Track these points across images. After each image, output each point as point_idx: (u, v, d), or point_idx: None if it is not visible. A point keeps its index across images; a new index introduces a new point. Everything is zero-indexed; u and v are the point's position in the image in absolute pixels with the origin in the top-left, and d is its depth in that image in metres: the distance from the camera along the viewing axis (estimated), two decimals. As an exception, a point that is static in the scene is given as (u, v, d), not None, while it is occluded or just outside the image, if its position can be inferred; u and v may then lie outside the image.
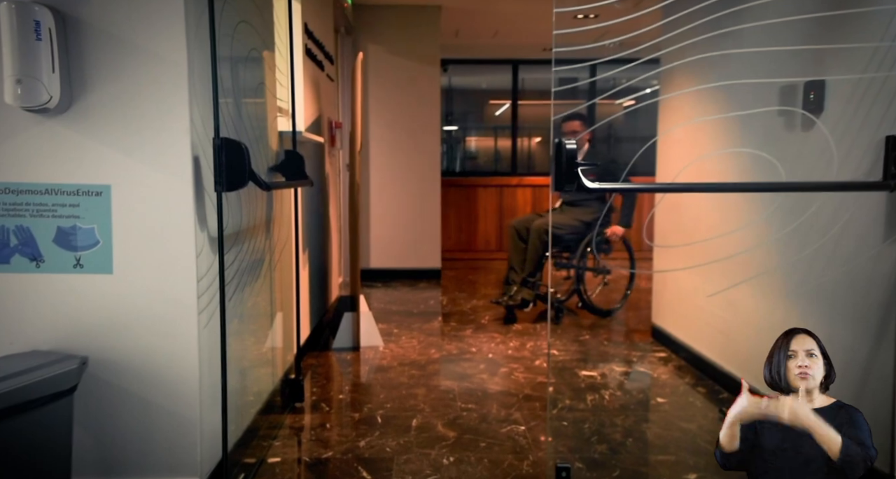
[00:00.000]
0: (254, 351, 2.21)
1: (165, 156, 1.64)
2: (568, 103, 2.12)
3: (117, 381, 1.68)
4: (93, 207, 1.64)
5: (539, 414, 2.48)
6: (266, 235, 2.30)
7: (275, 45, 2.46)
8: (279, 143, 2.51)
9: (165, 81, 1.62)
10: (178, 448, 1.71)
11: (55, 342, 1.65)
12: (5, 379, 1.42)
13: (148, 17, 1.60)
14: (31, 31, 1.51)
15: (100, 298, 1.66)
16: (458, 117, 7.51)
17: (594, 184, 1.69)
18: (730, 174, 2.71)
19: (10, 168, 1.61)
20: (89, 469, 1.69)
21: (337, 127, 4.20)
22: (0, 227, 1.62)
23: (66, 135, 1.61)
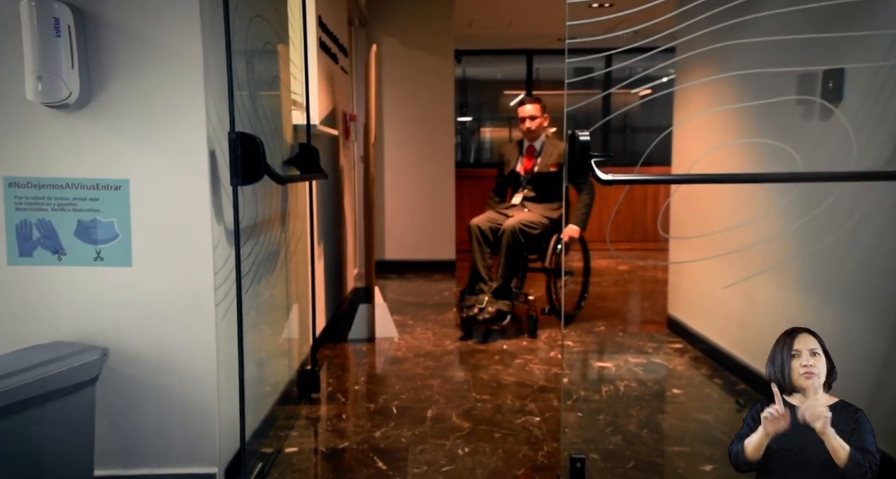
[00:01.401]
0: (270, 342, 2.23)
1: (182, 150, 1.66)
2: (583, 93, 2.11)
3: (137, 371, 1.71)
4: (112, 201, 1.66)
5: (554, 405, 2.49)
6: (281, 227, 2.32)
7: (289, 39, 2.47)
8: (294, 136, 2.53)
9: (181, 76, 1.64)
10: (196, 438, 1.74)
11: (77, 333, 1.69)
12: (30, 369, 1.45)
13: (164, 12, 1.62)
14: (51, 27, 1.54)
15: (120, 290, 1.69)
16: (472, 108, 7.49)
17: (608, 175, 1.68)
18: (746, 164, 2.68)
19: (32, 163, 1.64)
20: (111, 458, 1.72)
21: (351, 119, 4.22)
22: (23, 221, 1.65)
23: (86, 130, 1.64)
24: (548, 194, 3.64)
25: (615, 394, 2.61)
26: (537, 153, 3.66)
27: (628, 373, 2.86)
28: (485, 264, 3.52)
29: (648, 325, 3.77)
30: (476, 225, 3.54)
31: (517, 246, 3.41)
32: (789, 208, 2.32)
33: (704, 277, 3.10)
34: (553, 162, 3.61)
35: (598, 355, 3.19)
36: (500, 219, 3.54)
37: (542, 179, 3.62)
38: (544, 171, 3.61)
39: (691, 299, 3.31)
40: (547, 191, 3.63)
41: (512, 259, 3.42)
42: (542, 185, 3.62)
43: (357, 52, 4.80)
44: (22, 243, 1.66)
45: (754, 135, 2.60)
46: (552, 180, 3.60)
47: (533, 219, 3.46)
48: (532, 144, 3.69)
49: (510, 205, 3.69)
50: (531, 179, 3.64)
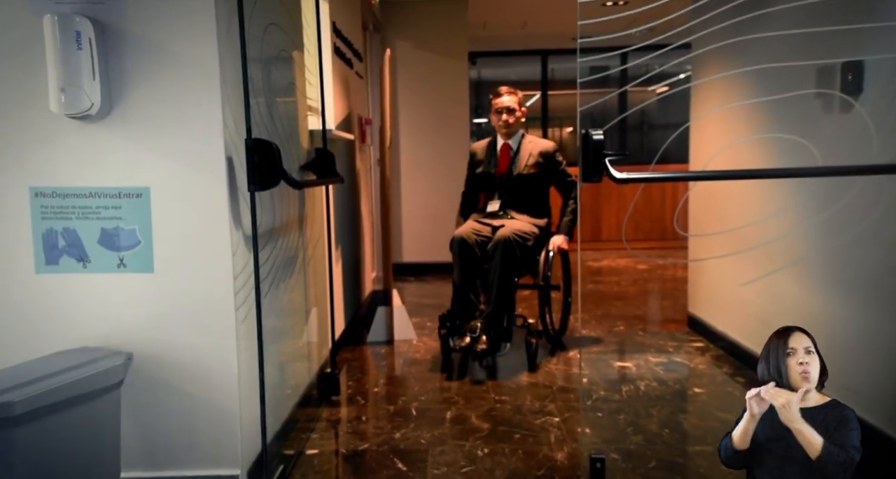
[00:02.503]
0: (290, 346, 2.26)
1: (200, 157, 1.69)
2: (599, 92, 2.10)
3: (161, 375, 1.74)
4: (134, 209, 1.70)
5: (573, 405, 2.48)
6: (299, 232, 2.35)
7: (303, 45, 2.50)
8: (310, 141, 2.55)
9: (199, 84, 1.67)
10: (219, 440, 1.77)
11: (102, 339, 1.73)
12: (58, 374, 1.49)
13: (181, 23, 1.65)
14: (73, 41, 1.58)
15: (142, 296, 1.72)
16: (487, 110, 7.49)
17: (623, 174, 1.67)
18: (764, 160, 2.65)
19: (57, 173, 1.68)
20: (137, 460, 1.76)
21: (367, 124, 4.25)
22: (49, 229, 1.70)
23: (107, 139, 1.68)
24: (526, 199, 3.16)
25: (635, 394, 2.60)
26: (514, 152, 3.17)
27: (649, 372, 2.84)
28: (473, 283, 2.99)
29: (669, 324, 3.73)
30: (461, 237, 2.96)
31: (513, 260, 2.89)
32: (809, 203, 2.29)
33: (725, 274, 3.06)
34: (533, 162, 3.14)
35: (617, 354, 3.17)
36: (486, 230, 3.03)
37: (520, 182, 3.14)
38: (523, 172, 3.13)
39: (712, 296, 3.27)
40: (526, 196, 3.16)
41: (508, 276, 2.89)
42: (520, 189, 3.15)
43: (372, 57, 4.83)
44: (48, 252, 1.70)
45: (772, 130, 2.57)
46: (532, 184, 3.15)
47: (524, 228, 2.98)
48: (507, 142, 3.20)
49: (489, 213, 3.15)
50: (507, 182, 3.16)
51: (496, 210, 3.15)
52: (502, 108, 3.16)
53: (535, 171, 3.13)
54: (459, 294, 2.99)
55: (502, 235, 2.89)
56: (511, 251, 2.87)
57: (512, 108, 3.15)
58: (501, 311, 2.90)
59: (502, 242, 2.88)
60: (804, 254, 2.32)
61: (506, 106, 3.15)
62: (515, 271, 2.95)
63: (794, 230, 2.36)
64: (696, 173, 3.20)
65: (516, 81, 7.51)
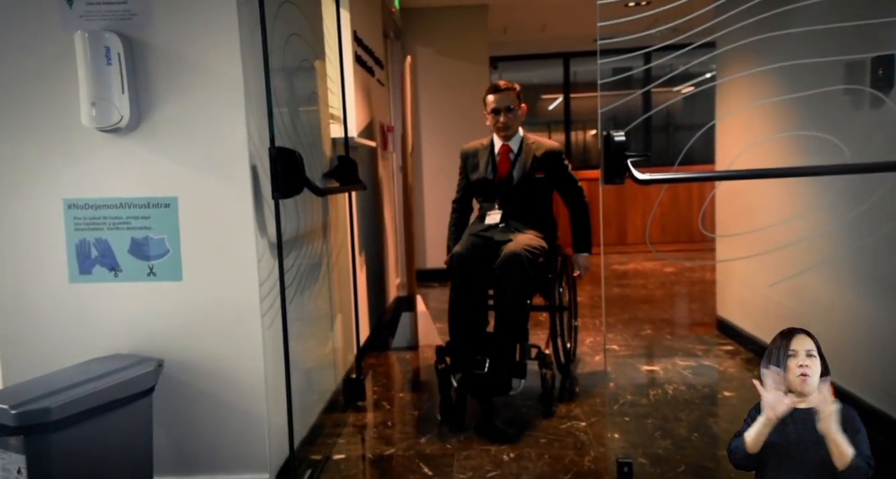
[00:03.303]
0: (316, 352, 2.28)
1: (225, 167, 1.72)
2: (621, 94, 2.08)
3: (190, 382, 1.78)
4: (162, 219, 1.74)
5: (599, 410, 2.46)
6: (323, 239, 2.37)
7: (325, 55, 2.54)
8: (332, 149, 2.58)
9: (223, 95, 1.70)
10: (248, 445, 1.80)
11: (133, 346, 1.77)
12: (92, 381, 1.53)
13: (205, 36, 1.69)
14: (103, 56, 1.63)
15: (172, 303, 1.76)
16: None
17: (645, 175, 1.66)
18: (792, 158, 2.60)
19: (89, 185, 1.73)
20: (168, 465, 1.79)
21: (388, 131, 4.28)
22: (82, 240, 1.75)
23: (136, 151, 1.72)
24: (531, 209, 2.73)
25: (663, 398, 2.56)
26: (515, 155, 2.76)
27: (677, 376, 2.80)
28: (478, 309, 2.54)
29: (697, 327, 3.68)
30: (463, 254, 2.52)
31: (526, 280, 2.44)
32: (839, 202, 2.24)
33: (754, 276, 3.01)
34: (538, 166, 2.72)
35: (644, 358, 3.13)
36: (486, 245, 2.60)
37: (524, 189, 2.72)
38: (527, 178, 2.71)
39: (741, 299, 3.22)
40: (530, 205, 2.73)
41: (521, 299, 2.45)
42: (524, 197, 2.72)
43: (392, 64, 4.88)
44: (81, 262, 1.75)
45: (799, 128, 2.52)
46: (537, 191, 2.74)
47: (533, 242, 2.54)
48: (507, 144, 2.77)
49: (488, 225, 2.71)
50: (509, 189, 2.73)
51: (497, 222, 2.70)
52: (498, 106, 2.72)
53: (541, 176, 2.73)
54: (461, 322, 2.49)
55: (513, 251, 2.45)
56: (524, 269, 2.43)
57: (510, 106, 2.72)
58: (514, 341, 2.42)
59: (514, 258, 2.42)
60: (833, 253, 2.27)
61: (502, 104, 2.72)
62: (529, 292, 2.51)
63: (824, 229, 2.31)
64: (718, 173, 3.15)
65: (539, 85, 7.50)
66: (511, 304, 2.44)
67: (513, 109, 2.74)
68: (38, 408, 1.37)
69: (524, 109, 2.79)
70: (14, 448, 1.39)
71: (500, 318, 2.48)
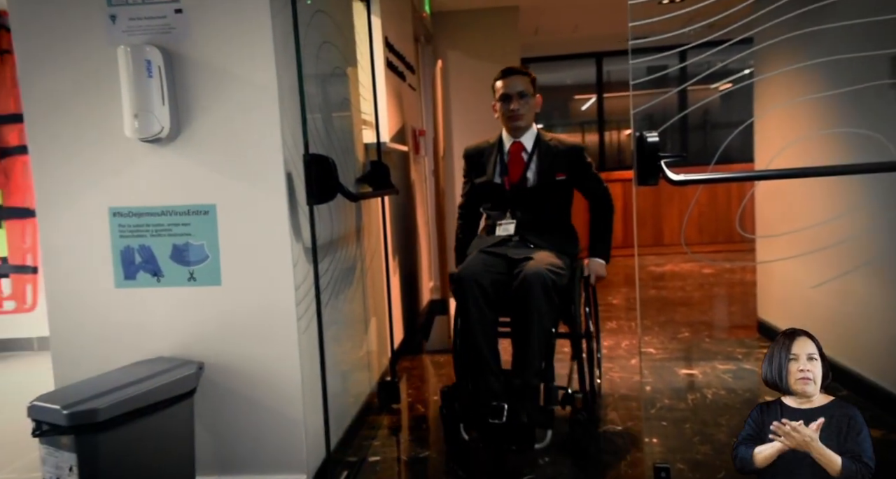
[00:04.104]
0: (351, 355, 2.31)
1: (261, 174, 1.76)
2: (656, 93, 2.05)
3: (230, 384, 1.82)
4: (201, 225, 1.79)
5: (636, 414, 2.42)
6: (357, 243, 2.40)
7: (357, 61, 2.57)
8: (365, 154, 2.62)
9: (258, 104, 1.75)
10: (286, 446, 1.83)
11: (175, 349, 1.82)
12: (137, 383, 1.58)
13: (241, 47, 1.73)
14: (144, 69, 1.69)
15: (211, 308, 1.81)
16: (542, 115, 7.45)
17: (679, 176, 1.64)
18: (835, 156, 2.52)
19: (133, 194, 1.79)
20: (210, 465, 1.84)
21: (420, 135, 4.31)
22: (126, 247, 1.81)
23: (176, 160, 1.78)
24: (549, 219, 2.35)
25: (702, 402, 2.51)
26: (529, 154, 2.36)
27: (716, 380, 2.74)
28: (491, 341, 2.12)
29: (737, 329, 3.59)
30: (470, 276, 2.12)
31: (551, 307, 2.06)
32: (884, 200, 2.17)
33: (796, 277, 2.93)
34: (559, 168, 2.33)
35: (682, 362, 3.07)
36: (499, 264, 2.21)
37: (541, 194, 2.33)
38: (545, 182, 2.33)
39: (783, 300, 3.13)
40: (548, 214, 2.35)
41: (547, 330, 2.06)
42: (541, 204, 2.34)
43: (424, 68, 4.91)
44: (126, 268, 1.81)
45: (841, 125, 2.44)
46: (557, 197, 2.37)
47: (554, 260, 2.16)
48: (519, 141, 2.37)
49: (500, 238, 2.31)
50: (523, 195, 2.34)
51: (510, 235, 2.31)
52: (510, 92, 2.31)
53: (562, 177, 2.34)
54: (471, 359, 2.09)
55: (535, 270, 2.05)
56: (548, 294, 2.04)
57: (523, 91, 2.31)
58: (538, 381, 2.02)
59: (537, 280, 2.03)
60: (880, 254, 2.19)
61: (515, 90, 2.30)
62: (554, 321, 2.11)
63: (868, 229, 2.23)
64: (754, 173, 3.08)
65: (571, 85, 7.44)
66: (534, 336, 2.03)
67: (526, 95, 2.33)
68: (87, 409, 1.43)
69: (539, 100, 2.40)
70: (66, 447, 1.45)
71: (521, 353, 2.06)
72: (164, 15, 1.73)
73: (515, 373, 2.06)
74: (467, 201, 2.61)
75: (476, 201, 2.54)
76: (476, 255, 2.28)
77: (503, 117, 2.38)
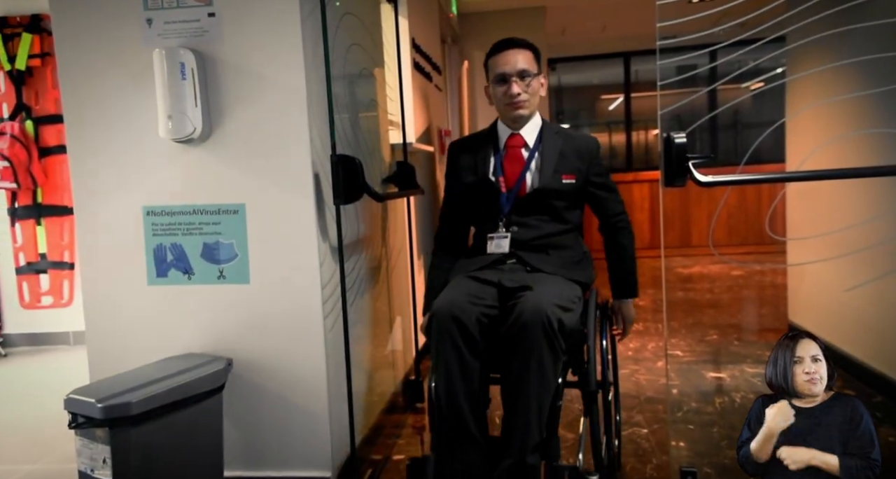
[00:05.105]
0: (376, 353, 2.33)
1: (289, 174, 1.79)
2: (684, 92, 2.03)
3: (257, 381, 1.85)
4: (231, 224, 1.83)
5: (662, 417, 2.40)
6: (382, 243, 2.42)
7: (384, 62, 2.59)
8: (391, 154, 2.64)
9: (287, 105, 1.77)
10: (311, 443, 1.86)
11: (205, 345, 1.86)
12: (168, 378, 1.62)
13: (271, 50, 1.77)
14: (178, 72, 1.73)
15: (240, 305, 1.84)
16: (569, 115, 7.40)
17: (707, 177, 1.62)
18: (871, 158, 2.46)
19: (166, 193, 1.84)
20: (237, 460, 1.87)
21: (446, 135, 4.32)
22: (159, 245, 1.86)
23: (208, 161, 1.82)
24: (553, 233, 1.80)
25: (730, 406, 2.47)
26: (531, 150, 1.84)
27: (745, 384, 2.69)
28: (474, 400, 1.59)
29: (767, 333, 3.53)
30: (446, 310, 1.58)
31: (555, 357, 1.53)
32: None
33: (829, 279, 2.86)
34: (568, 168, 1.81)
35: (710, 365, 3.03)
36: (489, 294, 1.65)
37: (546, 201, 1.79)
38: (552, 186, 1.78)
39: (815, 304, 3.06)
40: (553, 226, 1.80)
41: (549, 387, 1.53)
42: (545, 213, 1.80)
43: (450, 69, 4.91)
44: (158, 265, 1.86)
45: (876, 125, 2.38)
46: (566, 205, 1.82)
47: (562, 291, 1.64)
48: (518, 134, 1.86)
49: (492, 259, 1.77)
50: (521, 201, 1.80)
51: (504, 253, 1.78)
52: (509, 70, 1.79)
53: (572, 181, 1.81)
54: (448, 421, 1.58)
55: (534, 306, 1.52)
56: (552, 339, 1.51)
57: (526, 70, 1.79)
58: (537, 460, 1.51)
59: (537, 319, 1.50)
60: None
61: (516, 68, 1.78)
62: (560, 375, 1.57)
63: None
64: (784, 175, 3.02)
65: (598, 85, 7.38)
66: (531, 398, 1.50)
67: (530, 75, 1.80)
68: (121, 402, 1.47)
69: (544, 82, 1.88)
70: (101, 440, 1.49)
71: (514, 421, 1.53)
72: (198, 18, 1.77)
73: (507, 447, 1.52)
74: (449, 219, 1.95)
75: (462, 220, 1.94)
76: (459, 280, 1.72)
77: (499, 105, 1.85)
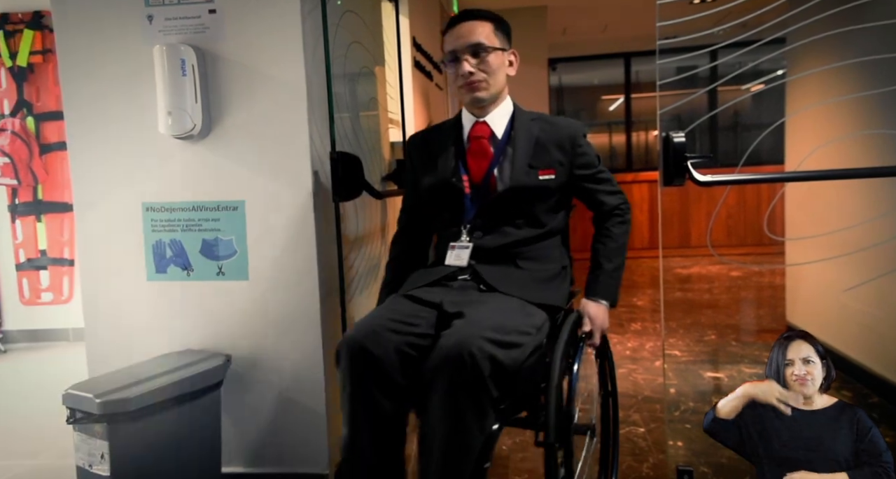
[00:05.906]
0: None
1: (289, 171, 1.80)
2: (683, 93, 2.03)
3: (255, 377, 1.86)
4: (231, 221, 1.83)
5: (659, 416, 2.40)
6: (381, 240, 2.43)
7: (384, 60, 2.60)
8: (391, 152, 2.64)
9: (287, 102, 1.78)
10: (309, 441, 1.86)
11: (203, 342, 1.87)
12: (167, 374, 1.63)
13: (272, 47, 1.77)
14: (178, 68, 1.73)
15: (239, 302, 1.85)
16: (569, 115, 7.41)
17: (706, 177, 1.62)
18: (867, 158, 2.47)
19: (165, 189, 1.84)
20: (235, 456, 1.88)
21: (447, 134, 4.31)
22: (158, 241, 1.86)
23: (207, 157, 1.82)
24: (529, 241, 1.49)
25: (728, 406, 2.47)
26: (501, 141, 1.54)
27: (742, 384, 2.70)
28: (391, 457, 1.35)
29: (765, 333, 3.53)
30: (357, 341, 1.28)
31: (478, 413, 1.19)
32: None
33: (827, 281, 2.87)
34: (546, 161, 1.51)
35: (708, 365, 3.03)
36: (425, 318, 1.35)
37: (517, 201, 1.49)
38: (525, 183, 1.49)
39: (813, 305, 3.07)
40: (526, 232, 1.49)
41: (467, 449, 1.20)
42: (514, 217, 1.50)
43: (451, 68, 4.91)
44: (158, 261, 1.86)
45: (876, 126, 2.39)
46: (542, 205, 1.52)
47: (510, 320, 1.29)
48: (483, 121, 1.56)
49: (444, 273, 1.47)
50: (489, 203, 1.50)
51: (461, 266, 1.47)
52: (459, 47, 1.49)
53: (551, 176, 1.51)
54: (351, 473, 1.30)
55: (458, 342, 1.19)
56: (473, 388, 1.17)
57: (481, 43, 1.48)
58: None
59: (454, 361, 1.17)
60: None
61: (468, 41, 1.48)
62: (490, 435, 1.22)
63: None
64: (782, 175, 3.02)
65: (599, 85, 7.38)
66: (446, 462, 1.19)
67: (486, 50, 1.48)
68: (119, 398, 1.48)
69: (513, 59, 1.57)
70: (98, 435, 1.49)
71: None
72: (199, 15, 1.77)
73: None
74: (409, 223, 1.67)
75: (422, 220, 1.64)
76: (392, 300, 1.43)
77: (455, 88, 1.55)
